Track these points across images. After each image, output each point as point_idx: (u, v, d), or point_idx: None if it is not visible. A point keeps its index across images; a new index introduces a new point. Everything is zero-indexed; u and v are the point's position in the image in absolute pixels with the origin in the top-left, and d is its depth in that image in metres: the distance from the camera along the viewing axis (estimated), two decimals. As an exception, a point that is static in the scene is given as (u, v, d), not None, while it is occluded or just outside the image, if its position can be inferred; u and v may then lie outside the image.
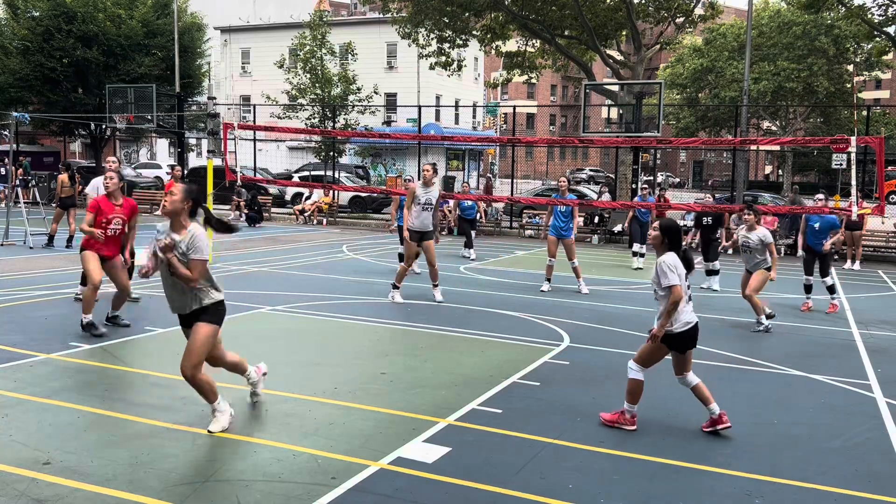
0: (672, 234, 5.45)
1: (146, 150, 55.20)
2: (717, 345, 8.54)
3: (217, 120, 13.23)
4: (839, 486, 4.74)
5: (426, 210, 10.41)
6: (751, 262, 9.79)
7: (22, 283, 11.08)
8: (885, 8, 25.67)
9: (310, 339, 8.42)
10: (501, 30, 26.15)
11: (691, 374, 5.62)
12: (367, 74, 31.16)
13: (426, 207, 10.41)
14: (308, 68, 26.69)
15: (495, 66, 49.57)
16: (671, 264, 5.37)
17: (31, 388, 6.18)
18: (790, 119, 45.39)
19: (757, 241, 9.65)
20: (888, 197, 35.50)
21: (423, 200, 10.39)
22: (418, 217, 10.38)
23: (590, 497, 4.48)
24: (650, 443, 5.39)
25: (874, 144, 10.75)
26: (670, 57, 51.50)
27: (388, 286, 10.96)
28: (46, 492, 4.30)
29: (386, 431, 5.43)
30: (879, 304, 11.98)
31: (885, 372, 7.59)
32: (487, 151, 53.52)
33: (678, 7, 24.25)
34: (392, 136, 33.58)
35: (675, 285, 5.30)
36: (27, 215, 16.06)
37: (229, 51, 50.27)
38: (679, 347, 5.53)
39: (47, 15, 28.14)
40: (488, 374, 7.00)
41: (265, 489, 4.43)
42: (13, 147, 18.21)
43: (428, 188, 10.50)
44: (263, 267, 13.72)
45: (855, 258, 16.68)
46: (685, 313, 5.46)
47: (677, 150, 67.44)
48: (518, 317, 9.86)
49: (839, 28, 38.93)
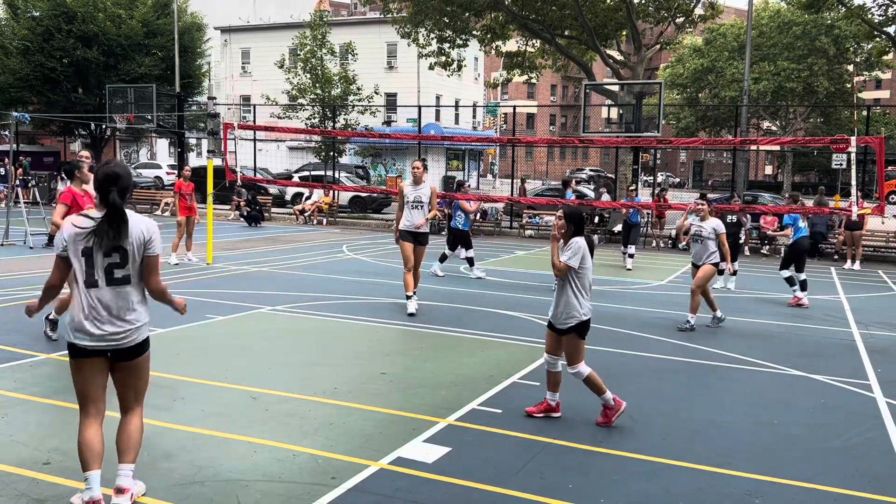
0: (576, 221, 5.66)
1: (146, 150, 55.18)
2: (717, 345, 8.55)
3: (217, 120, 13.23)
4: (839, 486, 4.74)
5: (416, 209, 9.84)
6: (700, 255, 9.48)
7: (22, 283, 11.08)
8: (885, 8, 25.66)
9: (310, 339, 8.42)
10: (501, 30, 26.13)
11: (582, 364, 5.72)
12: (367, 74, 31.14)
13: (415, 206, 9.84)
14: (308, 68, 26.69)
15: (495, 66, 49.58)
16: (575, 249, 5.57)
17: (31, 388, 6.18)
18: (790, 119, 45.39)
19: (710, 230, 9.42)
20: (888, 197, 35.50)
21: (411, 199, 9.86)
22: (408, 217, 9.85)
23: (590, 497, 4.48)
24: (650, 443, 5.39)
25: (874, 144, 10.74)
26: (670, 57, 51.50)
27: (388, 286, 10.96)
28: (46, 492, 4.30)
29: (386, 431, 5.43)
30: (879, 304, 11.98)
31: (885, 372, 7.59)
32: (487, 151, 53.55)
33: (678, 7, 24.23)
34: (392, 136, 33.57)
35: (566, 264, 5.52)
36: (27, 215, 16.06)
37: (229, 51, 50.26)
38: (585, 333, 5.70)
39: (47, 15, 28.15)
40: (488, 374, 7.00)
41: (265, 489, 4.43)
42: (13, 147, 18.20)
43: (417, 186, 9.93)
44: (263, 267, 13.71)
45: (855, 258, 16.68)
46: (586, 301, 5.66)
47: (677, 150, 67.44)
48: (518, 317, 9.85)
49: (839, 28, 38.93)
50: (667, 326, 9.50)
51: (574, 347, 5.68)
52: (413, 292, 9.82)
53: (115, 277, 4.00)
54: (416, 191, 9.92)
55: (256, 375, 6.75)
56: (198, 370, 6.87)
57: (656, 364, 7.65)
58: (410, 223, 9.88)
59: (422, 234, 9.94)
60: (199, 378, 6.65)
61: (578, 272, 5.56)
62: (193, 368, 6.92)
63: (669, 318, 10.13)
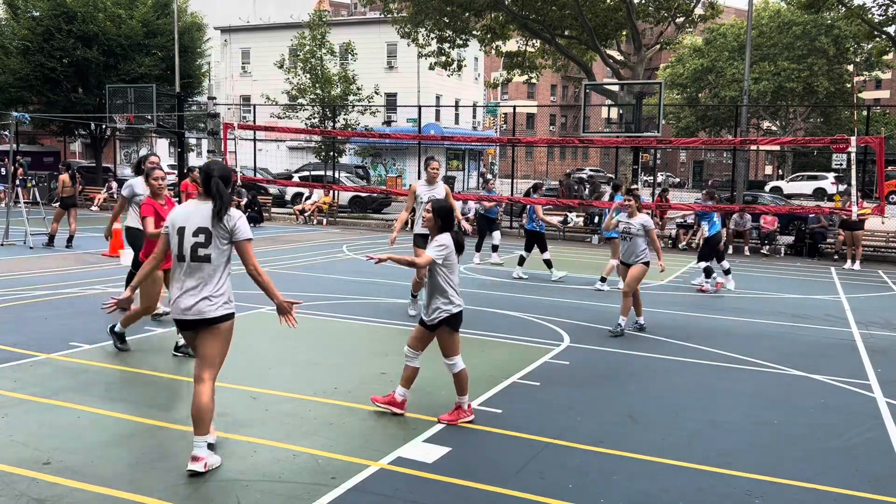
0: (443, 216, 5.68)
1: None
2: (717, 345, 8.55)
3: (217, 120, 13.22)
4: (839, 486, 4.74)
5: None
6: (630, 253, 9.09)
7: (22, 283, 11.08)
8: (885, 8, 25.68)
9: (310, 339, 8.42)
10: (501, 30, 26.15)
11: (459, 358, 5.70)
12: (367, 74, 31.15)
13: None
14: (308, 68, 26.69)
15: (495, 66, 49.59)
16: (441, 243, 5.57)
17: (31, 388, 6.18)
18: (790, 119, 45.42)
19: (638, 227, 8.99)
20: (888, 197, 35.49)
21: (425, 199, 9.15)
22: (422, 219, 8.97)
23: (590, 497, 4.48)
24: (650, 443, 5.39)
25: (874, 144, 10.76)
26: (670, 57, 51.53)
27: (388, 286, 10.95)
28: (46, 492, 4.30)
29: (386, 431, 5.43)
30: (879, 304, 11.98)
31: (885, 372, 7.59)
32: (487, 151, 53.53)
33: (678, 7, 24.25)
34: (392, 136, 33.57)
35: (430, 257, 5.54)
36: (27, 215, 16.06)
37: (229, 51, 50.27)
38: (457, 326, 5.66)
39: (47, 15, 28.14)
40: (488, 374, 7.00)
41: (265, 489, 4.43)
42: (13, 147, 18.20)
43: (431, 186, 9.32)
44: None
45: (855, 258, 16.68)
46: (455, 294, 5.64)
47: (677, 150, 67.41)
48: (518, 317, 9.86)
49: (839, 28, 38.97)
50: (667, 326, 9.50)
51: (448, 341, 5.64)
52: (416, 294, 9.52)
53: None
54: (431, 191, 9.28)
55: (256, 375, 6.76)
56: (198, 370, 6.87)
57: (656, 364, 7.65)
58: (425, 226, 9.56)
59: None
60: (199, 378, 6.64)
61: (444, 266, 5.55)
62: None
63: (670, 317, 10.13)
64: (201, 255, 4.61)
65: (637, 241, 9.04)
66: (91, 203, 27.16)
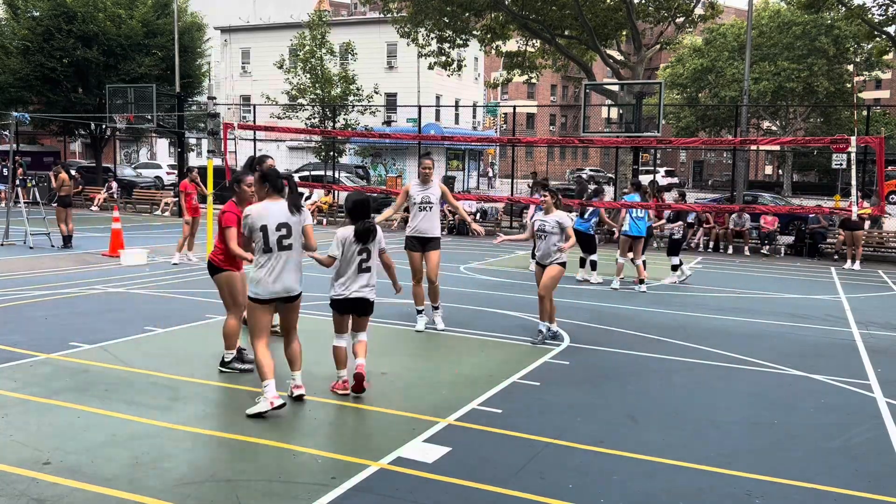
0: (349, 209, 6.30)
1: (146, 150, 55.22)
2: (718, 345, 8.55)
3: (217, 120, 13.18)
4: (839, 486, 4.74)
5: (424, 210, 8.77)
6: (546, 253, 8.44)
7: (22, 283, 11.08)
8: (885, 8, 25.67)
9: (310, 339, 8.40)
10: (501, 30, 26.13)
11: (362, 334, 6.49)
12: (367, 74, 31.15)
13: (423, 208, 8.77)
14: (308, 68, 26.69)
15: (495, 66, 49.57)
16: (339, 237, 6.31)
17: (31, 388, 6.18)
18: (790, 119, 45.41)
19: (553, 224, 8.34)
20: (888, 197, 35.50)
21: (418, 200, 8.80)
22: (416, 220, 8.81)
23: (590, 497, 4.48)
24: (650, 443, 5.39)
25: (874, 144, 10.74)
26: (670, 57, 51.51)
27: (388, 286, 10.88)
28: (46, 492, 4.30)
29: (386, 431, 5.43)
30: (879, 304, 11.98)
31: (885, 372, 7.59)
32: (487, 151, 53.54)
33: (678, 7, 24.23)
34: (392, 136, 33.58)
35: (330, 254, 6.32)
36: (27, 215, 16.06)
37: (229, 51, 50.28)
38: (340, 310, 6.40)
39: (47, 15, 28.14)
40: (488, 374, 7.00)
41: (265, 489, 4.43)
42: (13, 147, 18.20)
43: (425, 186, 8.86)
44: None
45: (855, 258, 16.68)
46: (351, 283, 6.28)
47: (677, 150, 67.46)
48: (518, 317, 9.86)
49: (839, 28, 38.95)
50: (667, 326, 9.50)
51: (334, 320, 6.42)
52: (428, 306, 8.94)
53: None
54: (425, 191, 8.83)
55: (256, 375, 6.74)
56: (198, 370, 6.88)
57: (656, 364, 7.65)
58: (420, 228, 8.79)
59: (432, 240, 8.80)
60: (199, 378, 6.66)
61: (342, 258, 6.28)
62: (193, 368, 6.92)
63: (670, 317, 10.14)
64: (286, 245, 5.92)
65: (552, 240, 8.36)
66: (91, 203, 27.16)
